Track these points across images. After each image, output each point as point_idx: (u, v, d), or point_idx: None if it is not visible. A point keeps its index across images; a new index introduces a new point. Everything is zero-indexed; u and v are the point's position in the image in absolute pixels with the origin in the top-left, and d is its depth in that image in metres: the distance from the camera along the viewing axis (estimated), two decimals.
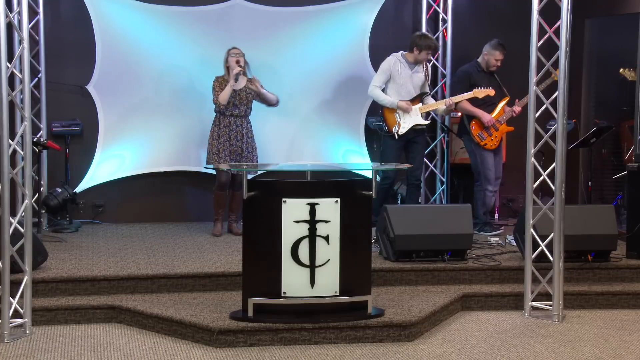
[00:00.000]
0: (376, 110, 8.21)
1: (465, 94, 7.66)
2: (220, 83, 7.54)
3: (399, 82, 7.66)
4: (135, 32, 8.34)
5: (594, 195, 8.49)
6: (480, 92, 7.63)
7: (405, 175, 8.08)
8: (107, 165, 8.41)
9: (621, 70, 8.64)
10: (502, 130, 7.75)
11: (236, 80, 7.44)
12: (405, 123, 7.63)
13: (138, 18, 8.33)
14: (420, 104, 7.71)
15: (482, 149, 7.72)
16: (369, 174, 6.95)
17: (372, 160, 8.56)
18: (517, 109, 7.70)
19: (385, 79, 7.67)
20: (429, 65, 7.95)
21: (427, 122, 7.78)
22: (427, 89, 7.87)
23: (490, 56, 7.74)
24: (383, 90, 7.69)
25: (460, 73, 7.86)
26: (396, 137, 7.64)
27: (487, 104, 7.75)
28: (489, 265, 6.41)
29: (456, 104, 7.71)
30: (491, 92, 7.64)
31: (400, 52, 7.78)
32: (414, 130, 7.70)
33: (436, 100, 8.15)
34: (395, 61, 7.69)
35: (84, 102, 8.34)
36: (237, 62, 7.45)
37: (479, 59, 7.84)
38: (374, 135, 8.61)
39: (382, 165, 7.06)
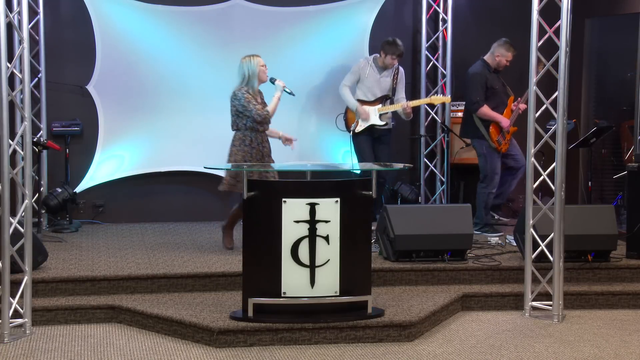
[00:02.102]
0: None
1: (422, 99, 8.23)
2: (253, 96, 6.69)
3: (367, 85, 8.03)
4: (135, 32, 8.34)
5: (594, 195, 8.49)
6: (437, 100, 8.08)
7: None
8: (107, 165, 8.41)
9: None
10: (511, 131, 7.75)
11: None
12: (363, 122, 7.98)
13: (138, 18, 8.33)
14: (379, 105, 8.00)
15: (495, 153, 7.68)
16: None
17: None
18: (522, 106, 7.67)
19: (353, 80, 8.09)
20: (402, 71, 8.13)
21: (382, 123, 8.01)
22: (391, 93, 8.05)
23: (502, 57, 7.68)
24: (354, 89, 8.12)
25: (475, 76, 7.67)
26: (350, 133, 8.01)
27: (500, 107, 7.71)
28: (489, 265, 6.41)
29: (471, 110, 7.68)
30: (447, 99, 8.13)
31: (374, 55, 8.11)
32: (382, 129, 8.01)
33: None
34: (365, 64, 8.06)
35: (84, 102, 8.34)
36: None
37: (487, 58, 7.74)
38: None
39: (379, 166, 7.07)
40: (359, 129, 7.97)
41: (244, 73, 6.70)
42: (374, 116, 7.97)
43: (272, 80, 6.87)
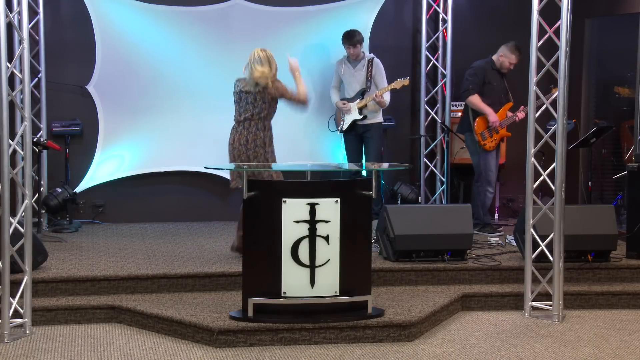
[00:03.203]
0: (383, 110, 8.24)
1: (389, 85, 7.93)
2: None
3: (345, 82, 8.21)
4: (135, 32, 8.34)
5: (594, 195, 8.49)
6: (398, 83, 7.96)
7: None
8: (107, 165, 8.41)
9: (615, 88, 8.69)
10: (501, 133, 7.74)
11: None
12: (346, 119, 8.12)
13: (138, 18, 8.33)
14: (358, 100, 8.09)
15: (486, 150, 7.71)
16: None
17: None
18: (521, 115, 7.67)
19: (337, 80, 8.29)
20: (377, 62, 8.10)
21: (361, 117, 8.08)
22: (367, 85, 8.08)
23: (506, 59, 7.71)
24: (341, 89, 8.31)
25: (475, 68, 7.77)
26: (338, 132, 8.21)
27: (494, 105, 7.71)
28: (489, 265, 6.41)
29: (462, 97, 7.80)
30: (406, 82, 7.96)
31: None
32: (365, 124, 8.07)
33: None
34: (339, 63, 8.26)
35: (84, 102, 8.34)
36: None
37: (494, 57, 7.77)
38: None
39: (379, 165, 7.08)
40: (344, 127, 8.09)
41: (274, 65, 6.56)
42: (353, 111, 8.06)
43: None
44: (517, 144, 7.91)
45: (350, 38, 8.01)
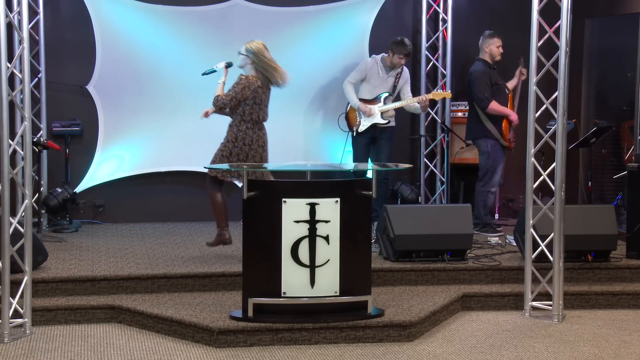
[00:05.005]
0: None
1: (430, 93, 7.98)
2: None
3: (373, 84, 8.05)
4: (135, 32, 8.35)
5: (594, 195, 8.49)
6: (438, 95, 8.02)
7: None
8: (107, 165, 8.42)
9: None
10: (514, 126, 7.77)
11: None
12: (365, 121, 8.01)
13: (138, 18, 8.33)
14: (381, 104, 8.01)
15: (500, 151, 7.67)
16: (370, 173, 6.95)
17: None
18: (524, 71, 7.66)
19: (359, 78, 8.07)
20: (406, 71, 8.14)
21: (384, 122, 8.00)
22: (391, 91, 8.06)
23: (493, 45, 7.71)
24: (358, 87, 8.12)
25: (480, 74, 7.66)
26: (353, 134, 8.05)
27: (504, 103, 7.71)
28: (489, 265, 6.41)
29: (481, 107, 7.64)
30: (448, 94, 8.08)
31: (382, 54, 8.08)
32: (379, 128, 8.01)
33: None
34: (372, 64, 8.08)
35: (84, 102, 8.34)
36: None
37: (483, 57, 7.74)
38: None
39: (379, 166, 7.07)
40: (361, 128, 7.98)
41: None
42: (377, 115, 7.97)
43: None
44: (517, 143, 7.91)
45: (404, 48, 7.88)
